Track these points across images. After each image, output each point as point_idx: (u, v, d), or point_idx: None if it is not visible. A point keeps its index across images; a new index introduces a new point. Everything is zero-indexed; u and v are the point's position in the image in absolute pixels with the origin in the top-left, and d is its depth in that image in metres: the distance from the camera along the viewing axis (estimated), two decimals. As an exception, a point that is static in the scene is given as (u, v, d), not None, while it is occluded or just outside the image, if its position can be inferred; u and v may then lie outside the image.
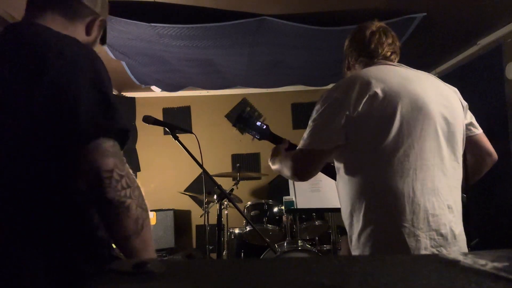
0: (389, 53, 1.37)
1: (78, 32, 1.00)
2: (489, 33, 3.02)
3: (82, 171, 0.78)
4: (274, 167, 1.50)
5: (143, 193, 0.85)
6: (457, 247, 1.19)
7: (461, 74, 3.43)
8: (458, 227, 1.21)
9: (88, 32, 1.04)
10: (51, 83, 0.77)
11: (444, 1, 2.41)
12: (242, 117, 1.68)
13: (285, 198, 2.57)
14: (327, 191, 2.42)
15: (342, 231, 3.35)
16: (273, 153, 1.58)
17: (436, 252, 1.15)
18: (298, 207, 2.42)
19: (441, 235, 1.16)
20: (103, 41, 1.14)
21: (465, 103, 1.36)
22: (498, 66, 2.94)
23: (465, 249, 1.22)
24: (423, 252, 1.14)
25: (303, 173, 1.32)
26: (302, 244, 2.86)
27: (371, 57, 1.37)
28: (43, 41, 0.83)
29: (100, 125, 0.79)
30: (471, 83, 3.22)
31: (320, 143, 1.24)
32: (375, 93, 1.19)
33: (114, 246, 0.87)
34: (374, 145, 1.19)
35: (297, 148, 1.31)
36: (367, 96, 1.19)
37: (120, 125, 0.82)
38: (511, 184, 2.80)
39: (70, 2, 0.98)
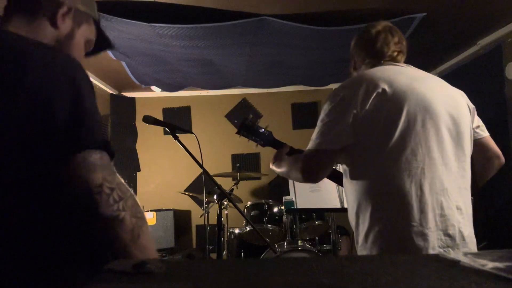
0: (395, 53, 1.37)
1: (43, 27, 0.91)
2: (489, 33, 3.02)
3: (71, 188, 0.75)
4: (279, 170, 1.49)
5: (138, 199, 0.83)
6: (466, 249, 1.17)
7: (461, 74, 3.42)
8: (467, 229, 1.20)
9: (54, 24, 0.92)
10: (27, 97, 0.73)
11: (444, 1, 2.41)
12: (245, 124, 1.68)
13: (285, 198, 2.56)
14: (327, 191, 2.42)
15: (342, 231, 3.36)
16: (276, 157, 1.57)
17: (443, 253, 1.14)
18: (298, 207, 2.42)
19: (449, 235, 1.15)
20: (106, 45, 1.07)
21: (472, 106, 1.36)
22: (498, 66, 2.94)
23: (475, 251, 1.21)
24: (431, 252, 1.12)
25: (312, 174, 1.29)
26: (302, 244, 2.86)
27: (377, 58, 1.37)
28: (14, 52, 0.77)
29: (80, 138, 0.75)
30: (471, 83, 3.21)
31: (330, 142, 1.23)
32: (382, 92, 1.19)
33: None
34: (381, 144, 1.19)
35: (307, 149, 1.29)
36: (374, 95, 1.19)
37: (102, 136, 0.79)
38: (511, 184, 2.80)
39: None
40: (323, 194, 2.42)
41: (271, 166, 1.58)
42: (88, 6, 1.01)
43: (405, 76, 1.26)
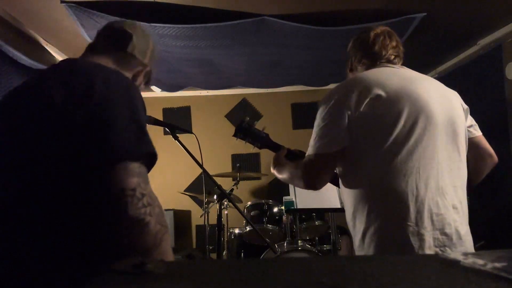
0: (392, 57, 1.37)
1: None
2: (489, 33, 3.02)
3: (107, 188, 0.82)
4: (281, 176, 1.48)
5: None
6: (463, 247, 1.18)
7: (461, 74, 3.42)
8: (463, 228, 1.21)
9: (134, 80, 1.13)
10: (94, 106, 0.84)
11: (444, 1, 2.41)
12: (242, 127, 1.68)
13: (285, 198, 2.56)
14: (327, 191, 2.42)
15: (342, 231, 3.36)
16: (276, 162, 1.56)
17: (440, 252, 1.14)
18: (298, 207, 2.42)
19: (445, 234, 1.16)
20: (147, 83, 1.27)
21: (465, 107, 1.36)
22: (498, 66, 2.94)
23: (472, 250, 1.21)
24: (427, 251, 1.13)
25: (315, 181, 1.28)
26: (302, 244, 2.85)
27: (374, 59, 1.37)
28: (93, 71, 0.92)
29: (130, 149, 0.84)
30: (471, 83, 3.22)
31: (329, 145, 1.23)
32: (376, 95, 1.19)
33: None
34: (376, 146, 1.19)
35: (306, 154, 1.29)
36: (368, 98, 1.19)
37: (149, 149, 0.89)
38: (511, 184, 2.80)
39: (123, 52, 1.08)
40: (323, 194, 2.42)
41: (272, 170, 1.57)
42: (153, 63, 1.22)
43: (399, 78, 1.27)
